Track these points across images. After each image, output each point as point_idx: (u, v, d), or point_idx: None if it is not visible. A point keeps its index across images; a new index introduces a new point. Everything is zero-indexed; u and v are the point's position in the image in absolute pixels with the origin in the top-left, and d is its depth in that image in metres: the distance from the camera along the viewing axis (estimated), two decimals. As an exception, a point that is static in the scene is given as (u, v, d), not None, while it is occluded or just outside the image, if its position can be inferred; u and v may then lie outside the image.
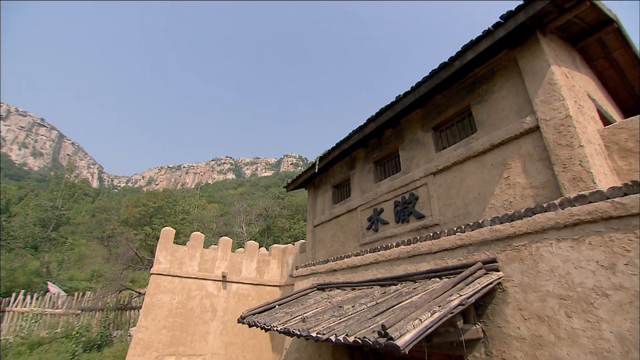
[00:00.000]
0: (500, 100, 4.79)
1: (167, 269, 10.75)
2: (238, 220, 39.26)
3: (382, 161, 7.36)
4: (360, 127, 6.89)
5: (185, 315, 10.48)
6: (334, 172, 8.76)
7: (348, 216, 7.72)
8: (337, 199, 8.68)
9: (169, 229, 11.34)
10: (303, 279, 8.39)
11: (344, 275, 6.84)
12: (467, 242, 4.37)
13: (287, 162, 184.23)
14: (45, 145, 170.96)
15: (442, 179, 5.50)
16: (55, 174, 37.21)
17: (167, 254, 10.94)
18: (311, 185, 9.71)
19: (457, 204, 5.09)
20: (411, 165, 6.26)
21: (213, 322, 10.88)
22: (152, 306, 10.06)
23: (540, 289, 3.31)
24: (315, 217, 9.13)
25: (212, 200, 59.05)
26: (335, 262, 7.18)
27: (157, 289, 10.35)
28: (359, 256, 6.49)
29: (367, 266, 6.24)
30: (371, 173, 7.37)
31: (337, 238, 7.95)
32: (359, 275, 6.39)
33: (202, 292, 11.06)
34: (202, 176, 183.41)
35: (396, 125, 6.85)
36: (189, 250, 11.39)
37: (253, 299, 11.94)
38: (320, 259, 8.42)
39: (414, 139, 6.38)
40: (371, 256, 6.16)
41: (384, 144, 7.19)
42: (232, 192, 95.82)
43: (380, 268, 5.91)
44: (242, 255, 12.47)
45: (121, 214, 33.69)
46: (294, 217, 40.91)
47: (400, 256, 5.47)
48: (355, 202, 7.52)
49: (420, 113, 6.35)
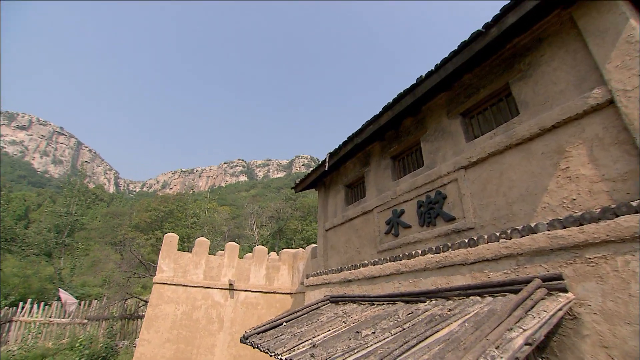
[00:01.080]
0: (550, 73, 3.85)
1: (171, 277, 10.14)
2: (249, 223, 38.82)
3: (401, 155, 6.48)
4: (375, 116, 6.03)
5: (190, 327, 9.83)
6: (346, 169, 7.92)
7: (363, 219, 6.87)
8: (350, 200, 7.83)
9: (172, 235, 10.74)
10: (314, 289, 7.58)
11: (361, 287, 5.99)
12: (515, 252, 3.46)
13: (298, 163, 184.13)
14: (65, 153, 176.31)
15: (476, 173, 4.58)
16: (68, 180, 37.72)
17: (170, 261, 10.34)
18: (321, 185, 8.90)
19: (497, 203, 4.18)
20: (436, 159, 5.36)
21: (220, 334, 10.19)
22: (155, 318, 9.45)
23: (637, 320, 2.39)
24: (327, 220, 8.31)
25: (224, 203, 59.00)
26: (350, 272, 6.34)
27: (160, 299, 9.74)
28: (377, 265, 5.63)
29: (388, 277, 5.37)
30: (388, 169, 6.50)
31: (351, 243, 7.10)
32: (378, 288, 5.54)
33: (207, 302, 10.40)
34: (215, 179, 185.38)
35: (417, 113, 5.96)
36: (193, 257, 10.76)
37: (262, 308, 11.20)
38: (333, 266, 7.59)
39: (438, 128, 5.48)
40: (392, 266, 5.29)
41: (402, 136, 6.31)
42: (244, 195, 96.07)
43: (403, 280, 5.04)
44: (250, 261, 11.76)
45: (132, 218, 33.75)
46: (306, 218, 40.17)
47: (428, 266, 4.59)
48: (371, 203, 6.66)
49: (445, 97, 5.45)
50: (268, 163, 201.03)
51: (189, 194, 45.50)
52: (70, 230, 29.62)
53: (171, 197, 39.61)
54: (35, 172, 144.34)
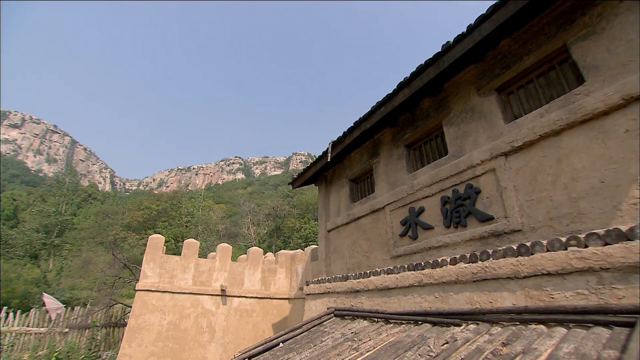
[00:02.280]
0: (630, 26, 2.90)
1: (156, 283, 9.15)
2: (246, 221, 37.83)
3: (417, 143, 5.52)
4: (388, 96, 5.05)
5: (177, 339, 8.86)
6: (351, 161, 6.95)
7: (372, 218, 5.91)
8: (356, 196, 6.88)
9: (157, 236, 9.74)
10: (315, 298, 6.63)
11: (371, 299, 5.04)
12: (596, 265, 2.52)
13: (296, 160, 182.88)
14: (59, 151, 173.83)
15: (521, 160, 3.63)
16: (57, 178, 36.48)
17: (155, 265, 9.35)
18: (322, 179, 7.93)
19: (554, 199, 3.23)
20: (464, 146, 4.41)
21: (211, 345, 9.24)
22: (138, 329, 8.47)
23: None
24: (329, 219, 7.35)
25: (221, 201, 57.89)
26: (358, 281, 5.40)
27: (144, 307, 8.76)
28: (393, 274, 4.68)
29: (406, 290, 4.43)
30: (402, 160, 5.54)
31: (358, 247, 6.15)
32: (394, 302, 4.59)
33: (197, 310, 9.43)
34: (212, 177, 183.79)
35: (437, 91, 4.99)
36: (181, 260, 9.77)
37: (258, 316, 10.26)
38: (337, 272, 6.64)
39: (466, 109, 4.52)
40: (411, 276, 4.34)
41: (419, 120, 5.34)
42: (241, 192, 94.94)
43: (427, 294, 4.10)
44: (244, 264, 10.79)
45: (124, 218, 32.68)
46: (304, 216, 39.24)
47: (460, 279, 3.65)
48: (381, 199, 5.71)
49: (474, 71, 4.48)
50: (265, 160, 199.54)
51: (183, 191, 44.38)
52: (60, 230, 28.48)
53: (164, 195, 38.52)
54: (28, 171, 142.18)
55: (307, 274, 9.99)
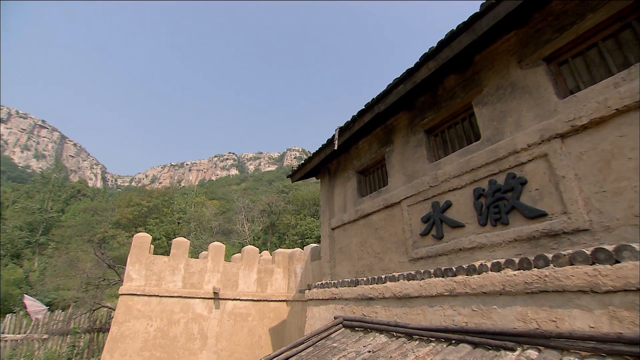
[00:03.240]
0: None
1: (142, 287, 8.35)
2: (240, 217, 36.93)
3: (440, 128, 4.79)
4: (408, 71, 4.30)
5: (166, 347, 8.09)
6: (359, 151, 6.21)
7: (386, 215, 5.18)
8: (364, 190, 6.14)
9: (143, 235, 8.91)
10: (319, 304, 5.91)
11: (388, 308, 4.33)
12: None
13: (290, 156, 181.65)
14: (48, 147, 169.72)
15: (585, 143, 2.92)
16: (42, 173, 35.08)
17: (141, 267, 8.53)
18: (325, 172, 7.17)
19: (638, 190, 2.53)
20: (503, 128, 3.69)
21: (203, 353, 8.49)
22: (121, 338, 7.67)
23: None
24: (333, 216, 6.61)
25: (214, 197, 56.76)
26: (371, 286, 4.67)
27: (128, 313, 7.95)
28: (415, 281, 3.97)
29: (433, 300, 3.71)
30: (421, 147, 4.81)
31: (368, 247, 5.43)
32: (417, 313, 3.88)
33: (188, 315, 8.66)
34: (205, 173, 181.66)
35: (466, 66, 4.26)
36: (170, 261, 8.97)
37: (254, 320, 9.52)
38: (344, 275, 5.92)
39: (504, 85, 3.79)
40: (440, 283, 3.63)
41: (442, 101, 4.60)
42: (235, 188, 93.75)
43: (461, 305, 3.38)
44: (239, 264, 10.03)
45: (113, 215, 31.53)
46: (300, 212, 38.46)
47: (508, 289, 2.93)
48: (396, 193, 4.98)
49: (515, 38, 3.75)
50: (259, 156, 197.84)
51: (175, 187, 43.22)
52: (46, 228, 27.27)
53: (156, 191, 37.39)
54: (15, 167, 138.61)
55: (307, 275, 9.28)
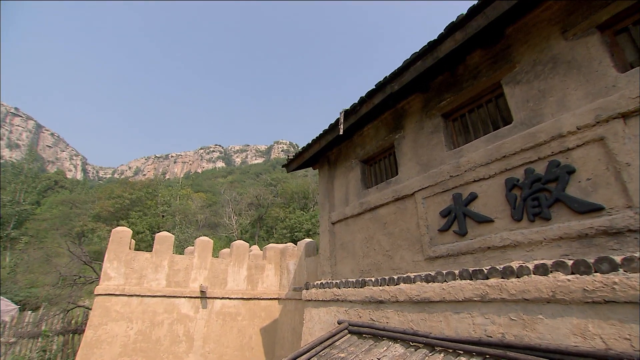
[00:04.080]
0: None
1: (121, 286, 7.62)
2: (227, 210, 35.98)
3: (460, 111, 4.27)
4: (430, 45, 3.75)
5: (148, 351, 7.43)
6: (364, 138, 5.65)
7: (396, 208, 4.67)
8: (370, 181, 5.61)
9: (123, 229, 8.14)
10: (318, 305, 5.39)
11: (402, 314, 3.83)
12: None
13: (277, 149, 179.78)
14: (22, 136, 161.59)
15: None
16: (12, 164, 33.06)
17: (120, 264, 7.79)
18: (324, 161, 6.60)
19: None
20: (542, 109, 3.20)
21: (189, 356, 7.87)
22: (97, 343, 6.95)
23: None
24: (334, 209, 6.07)
25: (200, 189, 55.31)
26: (381, 288, 4.17)
27: (106, 315, 7.23)
28: (437, 283, 3.48)
29: (459, 305, 3.23)
30: (439, 133, 4.29)
31: (375, 244, 4.92)
32: (438, 320, 3.40)
33: (172, 316, 8.00)
34: (191, 165, 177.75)
35: (495, 40, 3.74)
36: (153, 258, 8.25)
37: (244, 319, 8.95)
38: (347, 275, 5.41)
39: (543, 59, 3.29)
40: (468, 286, 3.15)
41: (463, 81, 4.09)
42: (221, 181, 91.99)
43: (495, 313, 2.91)
44: (228, 260, 9.39)
45: (93, 207, 30.03)
46: (289, 205, 37.79)
47: (559, 296, 2.47)
48: (409, 184, 4.46)
49: (558, 5, 3.24)
50: (246, 149, 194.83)
51: (160, 179, 41.70)
52: (18, 221, 25.66)
53: (139, 183, 35.91)
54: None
55: (301, 272, 8.74)
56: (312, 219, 30.61)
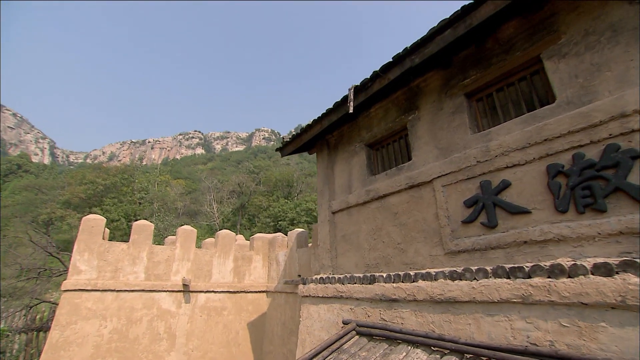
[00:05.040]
0: None
1: (93, 280, 6.87)
2: (208, 198, 34.75)
3: (487, 90, 3.83)
4: (464, 10, 3.24)
5: (124, 352, 6.78)
6: (370, 119, 5.14)
7: (410, 196, 4.22)
8: (376, 167, 5.13)
9: (95, 217, 7.32)
10: (318, 302, 4.93)
11: (421, 314, 3.43)
12: None
13: (259, 137, 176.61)
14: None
15: None
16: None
17: (92, 256, 7.01)
18: (324, 145, 6.05)
19: None
20: (596, 86, 2.79)
21: (171, 355, 7.29)
22: (65, 345, 6.23)
23: None
24: (334, 197, 5.57)
25: (179, 176, 53.28)
26: (395, 285, 3.75)
27: (75, 314, 6.49)
28: (465, 281, 3.08)
29: (494, 307, 2.84)
30: (462, 114, 3.84)
31: (384, 235, 4.47)
32: (467, 323, 3.01)
33: (152, 311, 7.35)
34: (169, 151, 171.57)
35: (536, 8, 3.28)
36: (130, 249, 7.50)
37: (230, 314, 8.41)
38: (349, 269, 4.96)
39: (597, 28, 2.87)
40: (506, 286, 2.76)
41: (492, 56, 3.63)
42: (201, 168, 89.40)
43: (541, 318, 2.54)
44: (213, 251, 8.76)
45: (63, 193, 28.03)
46: (273, 193, 37.00)
47: (630, 302, 2.10)
48: (426, 170, 4.01)
49: (618, -36, 2.80)
50: (227, 135, 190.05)
51: (137, 165, 39.62)
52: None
53: (114, 169, 33.92)
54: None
55: (292, 264, 8.26)
56: (296, 207, 30.08)
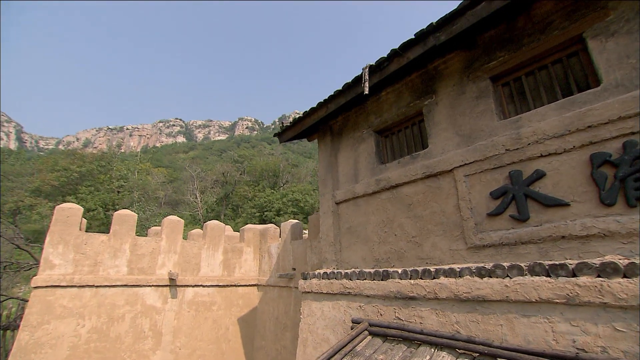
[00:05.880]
0: None
1: (69, 275, 6.27)
2: (191, 187, 33.64)
3: (514, 74, 3.53)
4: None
5: (105, 352, 6.27)
6: (380, 104, 4.79)
7: (426, 187, 3.93)
8: (385, 155, 4.80)
9: (71, 206, 6.66)
10: (321, 299, 4.62)
11: (444, 313, 3.17)
12: None
13: (242, 126, 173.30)
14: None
15: None
16: None
17: (67, 249, 6.39)
18: (326, 131, 5.66)
19: None
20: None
21: (157, 354, 6.83)
22: (36, 347, 5.65)
23: None
24: (338, 187, 5.22)
25: (160, 165, 51.39)
26: (413, 282, 3.47)
27: (48, 312, 5.90)
28: (496, 278, 2.83)
29: (531, 307, 2.61)
30: (488, 99, 3.55)
31: (396, 228, 4.17)
32: (499, 324, 2.76)
33: (135, 308, 6.83)
34: (149, 139, 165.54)
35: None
36: (110, 240, 6.91)
37: (220, 309, 8.00)
38: (355, 263, 4.66)
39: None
40: (547, 285, 2.53)
41: (524, 36, 3.33)
42: (182, 156, 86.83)
43: (590, 321, 2.33)
44: (201, 243, 8.27)
45: (32, 180, 26.25)
46: (259, 183, 36.25)
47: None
48: (446, 158, 3.72)
49: None
50: (209, 124, 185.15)
51: (115, 152, 37.73)
52: None
53: (89, 156, 32.12)
54: None
55: (286, 257, 7.90)
56: (283, 198, 29.58)
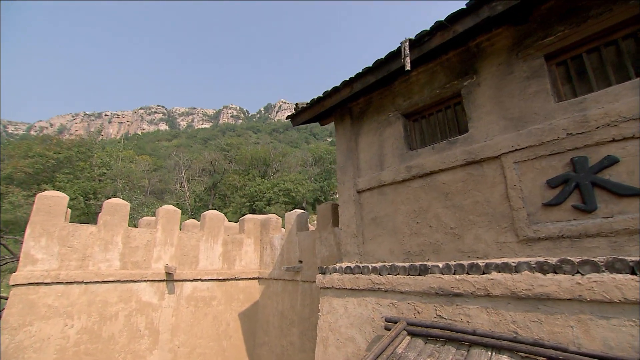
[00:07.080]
0: None
1: (54, 271, 5.68)
2: (177, 176, 32.44)
3: (574, 51, 3.21)
4: None
5: (97, 354, 5.75)
6: (410, 85, 4.40)
7: (467, 174, 3.61)
8: (417, 141, 4.44)
9: (55, 194, 6.01)
10: (345, 295, 4.28)
11: (497, 312, 2.88)
12: None
13: (227, 114, 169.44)
14: None
15: None
16: None
17: (51, 242, 5.77)
18: (346, 113, 5.23)
19: None
20: None
21: (154, 354, 6.37)
22: (17, 352, 5.10)
23: None
24: (360, 174, 4.84)
25: (143, 153, 49.39)
26: (458, 277, 3.17)
27: (31, 313, 5.32)
28: (564, 275, 2.58)
29: (610, 308, 2.35)
30: (542, 79, 3.22)
31: (431, 219, 3.85)
32: (568, 325, 2.50)
33: (130, 305, 6.32)
34: (129, 126, 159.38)
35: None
36: (101, 232, 6.32)
37: (220, 304, 7.57)
38: (381, 256, 4.32)
39: None
40: (631, 283, 2.25)
41: (590, 8, 3.01)
42: (165, 144, 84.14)
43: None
44: (199, 235, 7.75)
45: (2, 167, 24.51)
46: (248, 172, 35.39)
47: None
48: (492, 143, 3.40)
49: None
50: (193, 112, 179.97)
51: (94, 138, 35.78)
52: None
53: (67, 142, 30.34)
54: None
55: (292, 249, 7.50)
56: (274, 187, 28.97)
